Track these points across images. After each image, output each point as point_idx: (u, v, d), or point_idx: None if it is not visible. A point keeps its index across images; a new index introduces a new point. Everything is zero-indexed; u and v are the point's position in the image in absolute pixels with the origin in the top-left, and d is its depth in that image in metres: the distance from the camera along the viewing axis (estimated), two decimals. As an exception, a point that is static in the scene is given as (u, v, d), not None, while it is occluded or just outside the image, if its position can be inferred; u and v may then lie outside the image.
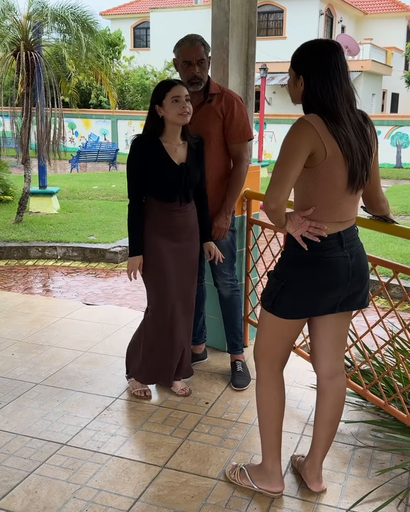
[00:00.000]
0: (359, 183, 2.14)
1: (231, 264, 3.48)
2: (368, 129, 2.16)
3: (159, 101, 2.89)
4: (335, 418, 2.41)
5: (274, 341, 2.32)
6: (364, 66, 26.43)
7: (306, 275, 2.18)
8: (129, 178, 2.99)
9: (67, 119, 24.31)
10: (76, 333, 4.22)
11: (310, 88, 2.10)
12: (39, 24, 8.67)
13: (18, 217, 9.09)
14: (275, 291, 2.22)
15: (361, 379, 2.97)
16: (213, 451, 2.78)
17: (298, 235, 2.15)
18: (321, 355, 2.37)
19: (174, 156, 2.96)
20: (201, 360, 3.74)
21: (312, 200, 2.14)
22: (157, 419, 3.06)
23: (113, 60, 26.95)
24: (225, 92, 3.27)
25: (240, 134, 3.26)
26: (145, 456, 2.74)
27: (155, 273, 3.06)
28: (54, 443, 2.84)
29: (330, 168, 2.07)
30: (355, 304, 2.29)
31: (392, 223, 2.61)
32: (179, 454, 2.75)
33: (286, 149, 2.07)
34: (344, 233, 2.18)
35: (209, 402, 3.23)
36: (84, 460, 2.71)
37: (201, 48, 3.15)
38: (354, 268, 2.20)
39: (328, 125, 2.04)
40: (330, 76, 2.07)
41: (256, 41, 3.66)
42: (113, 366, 3.67)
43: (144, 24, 33.15)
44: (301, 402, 3.24)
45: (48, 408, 3.16)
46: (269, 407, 2.38)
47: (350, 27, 31.60)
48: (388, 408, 2.80)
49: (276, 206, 2.05)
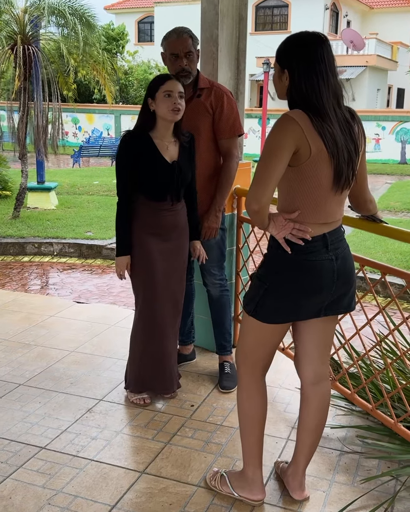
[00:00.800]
0: (345, 183, 2.05)
1: (220, 263, 3.40)
2: (355, 127, 2.07)
3: (152, 95, 2.80)
4: (319, 424, 2.33)
5: (256, 346, 2.24)
6: (369, 61, 26.25)
7: (289, 279, 2.09)
8: (119, 176, 2.90)
9: (71, 114, 24.34)
10: (64, 332, 4.16)
11: (295, 82, 2.00)
12: (37, 18, 8.58)
13: (15, 212, 9.03)
14: (258, 294, 2.13)
15: (349, 382, 2.88)
16: (195, 456, 2.71)
17: (281, 237, 2.06)
18: (305, 360, 2.29)
19: (166, 154, 2.87)
20: (189, 361, 3.67)
21: (296, 200, 2.05)
22: (140, 422, 2.99)
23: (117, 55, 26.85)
24: (214, 86, 3.17)
25: (229, 129, 3.17)
26: (125, 461, 2.67)
27: (144, 274, 2.97)
28: (33, 446, 2.77)
29: (315, 167, 1.98)
30: (341, 308, 2.21)
31: (380, 223, 2.52)
32: (160, 459, 2.68)
33: (269, 146, 1.98)
34: (329, 234, 2.10)
35: (194, 405, 3.16)
36: (62, 464, 2.64)
37: (189, 40, 3.06)
38: (339, 271, 2.11)
39: (313, 121, 1.95)
40: (315, 70, 1.97)
41: (247, 34, 3.57)
42: (100, 366, 3.60)
43: (148, 18, 33.04)
44: (289, 405, 3.17)
45: (30, 410, 3.09)
46: (250, 414, 2.30)
47: (355, 22, 31.38)
48: (375, 413, 2.73)
49: (259, 206, 1.96)
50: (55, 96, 8.71)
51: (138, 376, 3.12)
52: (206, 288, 3.45)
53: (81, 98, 26.79)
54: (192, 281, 3.57)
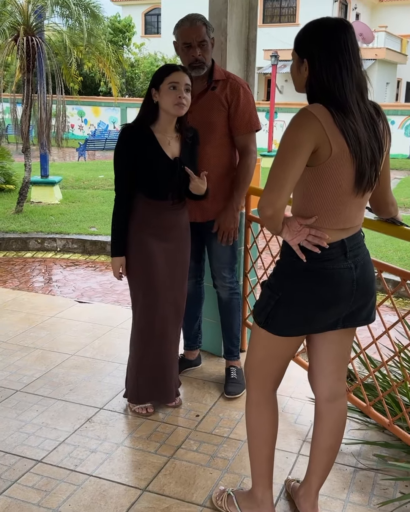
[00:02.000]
0: (367, 184, 1.87)
1: (232, 265, 3.21)
2: (380, 124, 1.88)
3: (156, 85, 2.62)
4: (335, 444, 2.16)
5: (266, 359, 2.06)
6: (379, 54, 25.91)
7: (304, 289, 1.91)
8: (117, 172, 2.72)
9: (77, 106, 24.15)
10: (65, 333, 4.00)
11: (315, 72, 1.81)
12: (41, 8, 8.39)
13: (18, 207, 8.87)
14: (269, 305, 1.95)
15: (364, 394, 2.71)
16: (200, 472, 2.55)
17: (295, 244, 1.88)
18: (320, 376, 2.12)
19: (168, 150, 2.69)
20: (195, 366, 3.50)
21: (313, 203, 1.87)
22: (142, 433, 2.83)
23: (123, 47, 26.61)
24: (230, 79, 2.97)
25: (246, 124, 2.96)
26: (125, 477, 2.51)
27: (143, 278, 2.79)
28: (29, 459, 2.62)
29: (335, 168, 1.80)
30: (360, 320, 2.03)
31: (401, 226, 2.34)
32: (163, 475, 2.52)
33: (286, 145, 1.79)
34: (348, 241, 1.92)
35: (199, 415, 3.00)
36: (59, 480, 2.48)
37: (202, 28, 2.84)
38: (359, 280, 1.93)
39: (335, 117, 1.76)
40: (338, 59, 1.78)
41: (257, 24, 3.39)
42: (101, 371, 3.44)
43: (155, 10, 32.72)
44: (300, 416, 3.00)
45: (26, 419, 2.94)
46: (260, 431, 2.13)
47: (364, 15, 30.98)
48: (392, 428, 2.55)
49: (273, 211, 1.78)
50: (59, 88, 8.53)
51: (136, 385, 2.95)
52: (216, 290, 3.29)
53: (87, 91, 26.62)
54: (202, 283, 3.41)
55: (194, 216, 3.07)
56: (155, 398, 2.99)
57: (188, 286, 3.38)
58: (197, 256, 3.30)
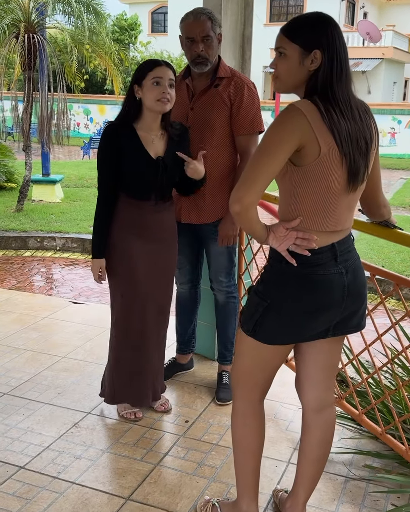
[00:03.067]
0: (361, 181, 1.80)
1: (229, 270, 3.11)
2: (370, 121, 1.81)
3: (138, 81, 2.53)
4: (322, 456, 2.08)
5: (254, 368, 1.98)
6: (386, 53, 25.76)
7: (293, 295, 1.82)
8: (100, 171, 2.63)
9: (82, 105, 24.11)
10: (57, 335, 3.94)
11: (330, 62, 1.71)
12: (43, 5, 8.32)
13: (19, 205, 8.82)
14: (257, 312, 1.87)
15: (357, 401, 2.63)
16: (186, 481, 2.48)
17: (283, 250, 1.80)
18: (307, 385, 2.03)
19: (151, 149, 2.61)
20: (187, 370, 3.43)
21: (301, 205, 1.79)
22: (129, 439, 2.76)
23: (130, 45, 26.54)
24: (235, 76, 2.86)
25: (248, 125, 2.85)
26: (109, 485, 2.44)
27: (123, 278, 2.72)
28: (11, 465, 2.55)
29: (325, 168, 1.72)
30: (350, 327, 1.95)
31: (395, 229, 2.26)
32: (148, 484, 2.45)
33: (267, 140, 1.71)
34: (339, 244, 1.84)
35: (188, 421, 2.93)
36: (41, 487, 2.42)
37: (207, 23, 2.74)
38: (350, 286, 1.85)
39: (323, 115, 1.68)
40: (346, 50, 1.74)
41: (253, 21, 3.31)
42: (90, 375, 3.37)
43: (162, 9, 32.65)
44: (292, 423, 2.92)
45: (12, 423, 2.88)
46: (245, 443, 2.05)
47: (372, 14, 30.82)
48: (385, 437, 2.48)
49: (241, 208, 1.69)
50: (60, 86, 8.46)
51: (112, 386, 2.89)
52: (213, 292, 3.21)
53: (93, 89, 26.56)
54: (198, 287, 3.33)
55: (189, 217, 2.99)
56: (130, 401, 2.91)
57: (184, 290, 3.32)
58: (194, 260, 3.22)
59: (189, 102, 2.90)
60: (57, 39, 9.47)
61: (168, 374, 3.31)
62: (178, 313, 3.36)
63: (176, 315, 3.38)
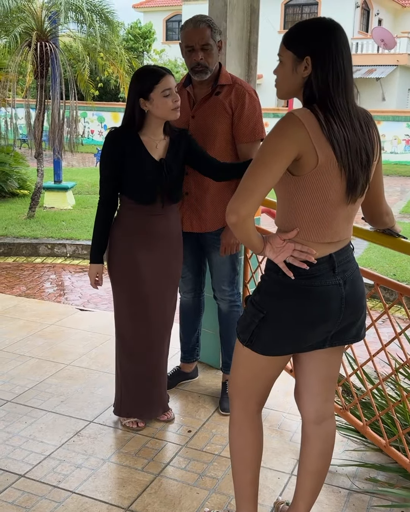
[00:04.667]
0: (360, 193, 1.76)
1: (232, 279, 3.08)
2: (373, 132, 1.78)
3: (144, 94, 2.51)
4: (322, 468, 2.04)
5: (250, 379, 1.95)
6: (400, 60, 25.63)
7: (290, 307, 1.80)
8: (103, 175, 2.63)
9: (97, 112, 24.26)
10: (63, 342, 3.93)
11: (321, 69, 1.67)
12: (56, 14, 8.38)
13: (30, 212, 8.86)
14: (253, 323, 1.84)
15: (361, 413, 2.59)
16: (187, 492, 2.45)
17: (280, 261, 1.78)
18: (306, 396, 2.00)
19: (154, 152, 2.60)
20: (191, 379, 3.41)
21: (298, 215, 1.76)
22: (130, 449, 2.74)
23: (144, 53, 26.67)
24: (236, 84, 2.84)
25: (250, 132, 2.82)
26: (109, 495, 2.42)
27: (129, 289, 2.71)
28: (12, 473, 2.54)
29: (322, 178, 1.69)
30: (348, 338, 1.91)
31: (398, 237, 2.22)
32: (148, 494, 2.43)
33: (265, 150, 1.68)
34: (336, 255, 1.80)
35: (191, 430, 2.90)
36: (41, 496, 2.40)
37: (206, 31, 2.71)
38: (348, 297, 1.82)
39: (322, 124, 1.65)
40: (342, 56, 1.68)
41: (259, 28, 3.29)
42: (95, 383, 3.36)
43: (176, 17, 32.80)
44: (296, 434, 2.88)
45: (14, 430, 2.86)
46: (243, 455, 2.01)
47: (387, 20, 30.71)
48: (389, 450, 2.43)
49: (237, 219, 1.67)
50: (72, 94, 8.50)
51: (119, 398, 2.87)
52: (216, 301, 3.18)
53: (107, 97, 26.70)
54: (202, 296, 3.31)
55: (191, 225, 2.97)
56: (138, 413, 2.89)
57: (187, 299, 3.29)
58: (197, 269, 3.20)
59: (191, 110, 2.88)
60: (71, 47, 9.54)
61: (172, 382, 3.29)
62: (182, 321, 3.34)
63: (180, 324, 3.36)
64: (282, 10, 28.41)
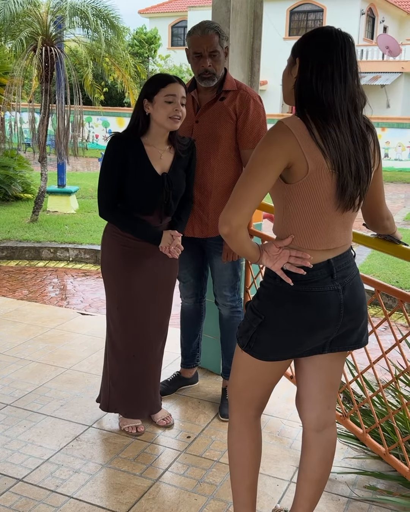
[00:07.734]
0: (350, 201, 1.73)
1: (233, 284, 3.07)
2: (370, 141, 1.76)
3: (149, 96, 2.50)
4: (322, 476, 2.03)
5: (249, 384, 1.95)
6: (405, 67, 25.62)
7: (288, 312, 1.79)
8: (104, 183, 2.58)
9: (101, 117, 24.32)
10: (63, 346, 3.93)
11: (305, 73, 1.67)
12: (61, 18, 8.42)
13: (34, 216, 8.87)
14: (252, 328, 1.84)
15: (361, 420, 2.58)
16: (185, 498, 2.43)
17: (278, 269, 1.77)
18: (308, 403, 1.99)
19: (157, 164, 2.58)
20: (191, 384, 3.40)
21: (292, 223, 1.76)
22: (129, 454, 2.73)
23: (149, 59, 26.75)
24: (241, 90, 2.84)
25: (254, 139, 2.82)
26: (106, 500, 2.41)
27: (120, 294, 2.71)
28: (10, 478, 2.54)
29: (313, 185, 1.68)
30: (348, 344, 1.90)
31: (399, 244, 2.22)
32: (146, 500, 2.41)
33: (254, 160, 1.69)
34: (335, 260, 1.80)
35: (190, 436, 2.89)
36: (38, 501, 2.39)
37: (214, 38, 2.71)
38: (347, 303, 1.81)
39: (312, 131, 1.65)
40: (332, 61, 1.65)
41: (262, 34, 3.30)
42: (94, 387, 3.35)
43: (182, 23, 32.91)
44: (296, 441, 2.86)
45: (13, 434, 2.86)
46: (241, 458, 2.01)
47: (392, 28, 30.76)
48: (388, 458, 2.41)
49: (229, 230, 1.68)
50: (76, 98, 8.53)
51: (107, 395, 2.91)
52: (217, 306, 3.18)
53: (112, 102, 26.78)
54: (203, 301, 3.30)
55: (193, 231, 2.97)
56: (124, 411, 2.90)
57: (188, 304, 3.29)
58: (198, 274, 3.20)
59: (195, 115, 2.88)
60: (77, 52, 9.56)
61: (172, 388, 3.28)
62: (183, 327, 3.34)
63: (181, 329, 3.35)
64: (287, 16, 28.46)
